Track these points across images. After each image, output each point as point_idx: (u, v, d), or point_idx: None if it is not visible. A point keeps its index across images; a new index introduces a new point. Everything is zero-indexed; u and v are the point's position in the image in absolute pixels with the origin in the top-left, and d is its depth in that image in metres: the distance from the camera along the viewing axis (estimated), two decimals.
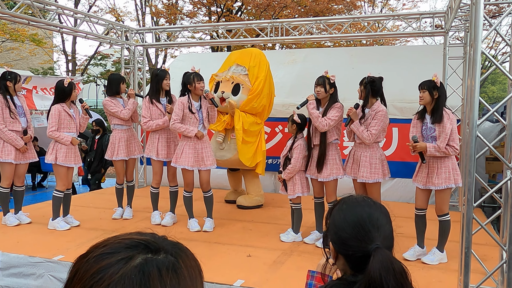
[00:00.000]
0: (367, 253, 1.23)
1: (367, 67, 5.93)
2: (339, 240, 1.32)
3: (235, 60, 6.29)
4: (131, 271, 0.68)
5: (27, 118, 5.32)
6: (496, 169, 7.77)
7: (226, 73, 6.20)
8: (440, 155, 3.99)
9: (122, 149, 5.52)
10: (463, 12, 5.82)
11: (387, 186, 6.79)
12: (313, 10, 16.72)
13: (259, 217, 5.91)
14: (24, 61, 22.49)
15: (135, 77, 7.93)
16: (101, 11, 20.87)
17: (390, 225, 1.33)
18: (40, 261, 4.11)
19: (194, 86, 4.97)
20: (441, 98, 4.05)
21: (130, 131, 5.67)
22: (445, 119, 3.98)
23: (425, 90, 4.04)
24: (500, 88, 33.76)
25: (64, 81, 5.13)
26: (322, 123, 4.48)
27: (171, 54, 20.81)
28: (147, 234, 0.79)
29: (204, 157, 5.03)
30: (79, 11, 7.02)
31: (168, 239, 0.80)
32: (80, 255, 0.75)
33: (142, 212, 6.01)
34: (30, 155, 5.35)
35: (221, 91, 6.04)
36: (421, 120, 4.16)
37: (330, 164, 4.58)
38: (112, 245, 0.74)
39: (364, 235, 1.27)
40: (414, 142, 4.02)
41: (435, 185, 4.03)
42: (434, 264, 4.07)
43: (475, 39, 3.20)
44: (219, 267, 3.99)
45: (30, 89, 9.41)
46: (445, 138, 3.93)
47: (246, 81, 6.07)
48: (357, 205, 1.35)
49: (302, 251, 4.48)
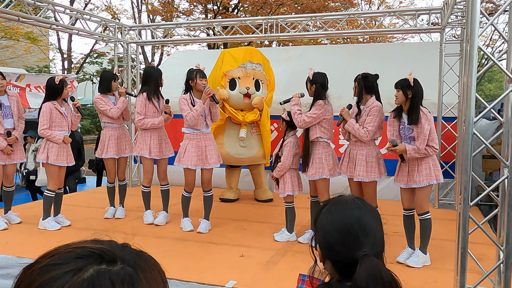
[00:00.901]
0: (354, 260, 1.15)
1: (363, 64, 5.86)
2: (326, 245, 1.24)
3: (243, 58, 6.22)
4: (80, 284, 0.60)
5: (14, 119, 5.16)
6: (493, 167, 7.71)
7: (243, 70, 6.14)
8: (420, 156, 3.92)
9: (112, 147, 5.44)
10: (459, 8, 5.75)
11: (383, 184, 6.73)
12: (310, 8, 16.65)
13: (254, 216, 5.84)
14: (20, 59, 22.34)
15: (129, 74, 7.84)
16: (96, 9, 20.77)
17: (380, 230, 1.24)
18: (29, 262, 4.00)
19: (195, 82, 4.91)
20: (416, 97, 3.92)
21: (121, 129, 5.58)
22: (423, 120, 3.87)
23: (399, 90, 3.95)
24: (496, 86, 33.81)
25: (55, 78, 5.04)
26: (297, 120, 4.50)
27: (167, 52, 20.73)
28: (103, 242, 0.71)
29: (208, 155, 4.96)
30: (70, 7, 6.91)
31: (131, 247, 0.71)
32: (26, 265, 0.67)
33: (135, 212, 5.92)
34: (16, 155, 5.22)
35: (245, 87, 6.04)
36: (398, 118, 4.06)
37: (316, 163, 4.50)
38: (61, 255, 0.66)
39: (352, 240, 1.19)
40: (393, 146, 3.95)
41: (416, 183, 3.94)
42: (418, 267, 3.96)
43: (472, 34, 3.13)
44: (211, 268, 3.91)
45: (23, 87, 9.29)
46: (424, 140, 3.84)
47: (265, 77, 6.24)
48: (346, 207, 1.26)
49: (296, 251, 4.41)
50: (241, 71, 6.14)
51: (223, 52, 6.56)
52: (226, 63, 6.30)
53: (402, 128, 4.06)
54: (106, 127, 5.49)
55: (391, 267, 3.81)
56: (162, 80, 5.35)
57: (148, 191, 5.48)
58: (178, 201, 6.41)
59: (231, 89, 6.14)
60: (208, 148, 4.98)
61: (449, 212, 5.99)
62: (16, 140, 5.16)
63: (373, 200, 4.35)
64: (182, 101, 4.91)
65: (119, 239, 0.76)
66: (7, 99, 5.14)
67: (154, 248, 4.44)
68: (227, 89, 6.14)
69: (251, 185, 7.31)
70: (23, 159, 5.32)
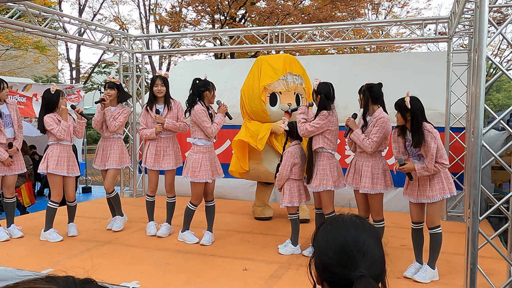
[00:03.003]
0: (350, 281, 1.07)
1: (369, 74, 5.79)
2: (321, 265, 1.16)
3: (283, 69, 5.79)
4: None
5: (14, 128, 5.08)
6: (502, 178, 7.57)
7: (284, 84, 5.69)
8: (430, 174, 3.80)
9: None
10: (467, 17, 5.68)
11: (390, 195, 6.62)
12: (317, 18, 16.64)
13: (258, 228, 5.75)
14: (29, 69, 22.54)
15: (134, 84, 7.83)
16: (105, 19, 20.95)
17: (380, 250, 1.15)
18: (28, 274, 3.96)
19: (212, 94, 4.93)
20: (416, 118, 3.76)
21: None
22: (428, 139, 3.71)
23: (398, 112, 3.83)
24: (505, 95, 33.53)
25: (50, 89, 5.00)
26: (300, 128, 4.47)
27: (174, 62, 20.80)
28: (58, 280, 0.61)
29: (217, 166, 5.00)
30: (76, 17, 6.92)
31: (94, 283, 0.62)
32: None
33: (138, 223, 5.86)
34: (17, 166, 5.13)
35: (287, 104, 5.55)
36: (403, 136, 3.94)
37: (320, 175, 4.40)
38: None
39: (348, 260, 1.10)
40: (400, 165, 3.84)
41: (429, 198, 3.80)
42: (426, 282, 3.82)
43: (480, 43, 3.05)
44: (213, 282, 3.82)
45: (30, 97, 9.33)
46: (432, 159, 3.70)
47: (304, 91, 5.82)
48: (342, 226, 1.18)
49: (300, 264, 4.30)
50: (282, 84, 5.68)
51: (260, 60, 6.02)
52: (265, 74, 5.79)
53: (408, 145, 3.94)
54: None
55: (398, 282, 3.68)
56: (154, 88, 5.17)
57: (151, 201, 5.41)
58: (181, 212, 6.35)
59: (272, 104, 5.68)
60: (216, 160, 5.03)
61: (458, 225, 5.86)
62: (16, 151, 5.10)
63: (379, 212, 4.25)
64: (202, 112, 4.79)
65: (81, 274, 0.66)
66: (6, 108, 5.07)
67: (155, 260, 4.37)
68: (268, 104, 5.67)
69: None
70: (23, 170, 5.23)
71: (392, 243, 4.82)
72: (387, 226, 4.46)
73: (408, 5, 19.95)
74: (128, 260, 4.39)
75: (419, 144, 3.74)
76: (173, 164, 5.25)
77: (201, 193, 4.98)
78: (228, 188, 7.56)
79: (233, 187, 7.53)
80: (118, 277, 3.85)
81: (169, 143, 5.26)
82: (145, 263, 4.30)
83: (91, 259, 4.31)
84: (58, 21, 6.32)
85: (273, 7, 16.64)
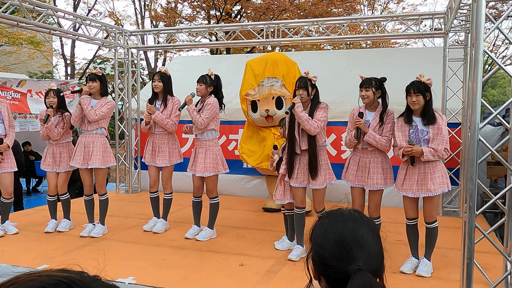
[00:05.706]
0: (347, 274, 1.06)
1: (365, 70, 5.76)
2: (318, 259, 1.14)
3: (263, 74, 5.96)
4: None
5: (5, 125, 4.97)
6: (498, 173, 7.60)
7: (261, 90, 5.96)
8: (434, 159, 3.77)
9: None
10: (463, 13, 5.67)
11: (386, 191, 6.55)
12: (313, 14, 16.60)
13: (255, 223, 5.74)
14: (23, 65, 22.37)
15: (129, 80, 7.78)
16: (100, 15, 20.81)
17: (378, 244, 1.13)
18: (23, 271, 3.91)
19: (198, 85, 4.95)
20: (431, 99, 3.83)
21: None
22: (439, 120, 3.75)
23: (419, 94, 3.76)
24: (500, 91, 33.64)
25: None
26: (313, 125, 4.13)
27: (170, 58, 20.70)
28: (73, 272, 0.62)
29: (223, 160, 5.00)
30: (70, 12, 6.87)
31: (102, 280, 0.63)
32: None
33: (133, 219, 5.83)
34: (6, 164, 4.99)
35: (264, 110, 5.90)
36: (410, 123, 3.88)
37: (324, 170, 4.30)
38: (23, 284, 0.57)
39: (345, 254, 1.09)
40: (410, 145, 3.77)
41: (431, 191, 3.76)
42: (429, 276, 3.84)
43: (477, 37, 3.04)
44: (209, 278, 3.81)
45: (24, 93, 9.26)
46: (443, 141, 3.69)
47: (286, 92, 5.91)
48: (341, 219, 1.16)
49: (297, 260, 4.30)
50: (260, 91, 5.96)
51: (246, 65, 6.30)
52: (246, 82, 6.12)
53: (413, 132, 3.86)
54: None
55: (395, 277, 3.68)
56: (153, 83, 5.16)
57: (152, 197, 5.38)
58: (178, 208, 6.33)
59: (253, 111, 6.06)
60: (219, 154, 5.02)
61: (454, 220, 5.88)
62: (7, 148, 4.96)
63: (378, 207, 4.23)
64: (217, 106, 4.89)
65: (90, 269, 0.67)
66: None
67: (151, 256, 4.35)
68: (250, 111, 6.08)
69: (255, 192, 7.25)
70: (13, 168, 5.05)
71: (388, 238, 4.83)
72: (383, 222, 4.46)
73: (404, 1, 20.00)
74: (124, 256, 4.37)
75: (431, 122, 3.73)
76: (166, 161, 5.15)
77: (201, 185, 5.04)
78: (224, 184, 7.54)
79: (229, 183, 7.51)
80: (114, 273, 3.84)
81: (164, 140, 5.17)
82: (141, 259, 4.28)
83: (87, 256, 4.30)
84: (52, 16, 6.25)
85: (269, 3, 16.58)
